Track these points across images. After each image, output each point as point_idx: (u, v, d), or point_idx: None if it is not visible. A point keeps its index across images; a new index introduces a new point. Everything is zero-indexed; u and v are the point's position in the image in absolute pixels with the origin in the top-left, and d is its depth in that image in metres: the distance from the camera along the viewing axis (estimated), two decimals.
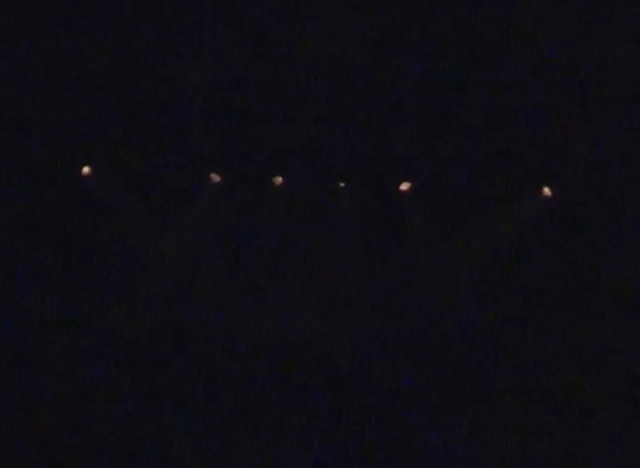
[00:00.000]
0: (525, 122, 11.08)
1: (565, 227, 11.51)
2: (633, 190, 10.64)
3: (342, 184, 12.21)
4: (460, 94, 10.91)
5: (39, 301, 10.88)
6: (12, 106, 10.49)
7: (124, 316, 11.10)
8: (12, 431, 8.51)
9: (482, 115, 11.11)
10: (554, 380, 9.99)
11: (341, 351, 10.78)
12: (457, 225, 12.03)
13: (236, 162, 12.00)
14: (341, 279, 12.19)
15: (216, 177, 12.28)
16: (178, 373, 9.55)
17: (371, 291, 12.11)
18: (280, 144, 11.72)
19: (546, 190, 11.95)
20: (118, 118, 11.15)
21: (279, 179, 12.35)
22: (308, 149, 11.74)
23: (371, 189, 12.21)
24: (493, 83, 10.82)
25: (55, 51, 9.97)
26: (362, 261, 12.24)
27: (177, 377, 9.55)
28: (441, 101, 11.05)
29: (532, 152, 11.46)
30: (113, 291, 11.55)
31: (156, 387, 9.24)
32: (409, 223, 12.26)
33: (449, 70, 10.75)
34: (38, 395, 8.97)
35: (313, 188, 12.11)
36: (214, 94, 11.22)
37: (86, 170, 11.81)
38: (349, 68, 10.72)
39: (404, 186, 12.30)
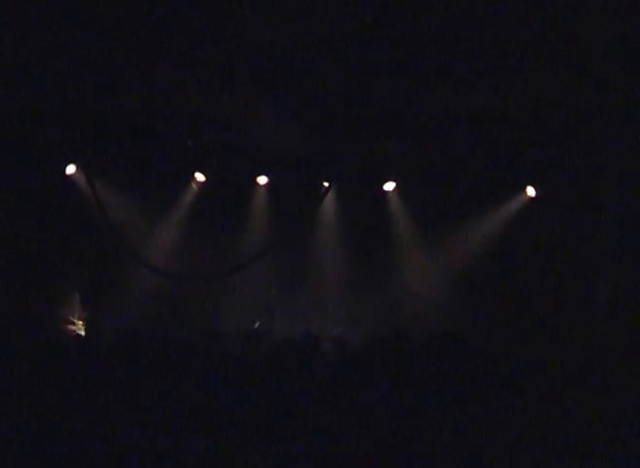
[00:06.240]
0: (511, 122, 11.13)
1: (550, 228, 11.60)
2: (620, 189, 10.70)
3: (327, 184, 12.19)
4: (445, 94, 10.92)
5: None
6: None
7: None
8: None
9: (467, 114, 11.14)
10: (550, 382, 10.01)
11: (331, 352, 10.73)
12: (442, 225, 12.10)
13: (221, 162, 11.96)
14: (328, 278, 12.22)
15: (200, 177, 12.24)
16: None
17: (356, 290, 12.13)
18: (265, 145, 11.69)
19: (530, 190, 12.05)
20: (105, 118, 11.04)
21: (264, 179, 12.35)
22: (293, 149, 11.72)
23: (355, 189, 12.25)
24: (478, 82, 10.82)
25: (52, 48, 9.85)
26: (347, 260, 12.26)
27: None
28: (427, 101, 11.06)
29: (517, 153, 11.53)
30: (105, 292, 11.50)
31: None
32: (393, 223, 12.31)
33: (432, 69, 10.73)
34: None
35: (298, 188, 12.11)
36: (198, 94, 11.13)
37: (71, 169, 11.70)
38: (332, 66, 10.68)
39: (388, 186, 12.37)
